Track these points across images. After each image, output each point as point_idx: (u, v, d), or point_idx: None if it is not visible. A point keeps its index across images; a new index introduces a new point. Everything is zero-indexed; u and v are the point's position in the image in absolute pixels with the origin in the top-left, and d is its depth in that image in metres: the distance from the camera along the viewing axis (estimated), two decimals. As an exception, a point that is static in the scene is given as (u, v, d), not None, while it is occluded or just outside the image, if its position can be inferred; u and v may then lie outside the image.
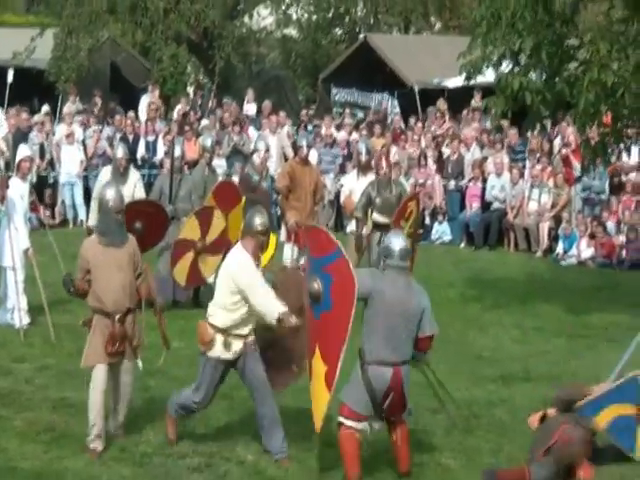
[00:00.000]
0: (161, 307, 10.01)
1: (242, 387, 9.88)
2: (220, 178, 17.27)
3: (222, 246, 13.19)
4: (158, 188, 15.48)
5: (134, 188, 14.80)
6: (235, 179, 19.14)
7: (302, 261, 15.47)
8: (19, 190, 13.65)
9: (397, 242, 8.86)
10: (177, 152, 15.65)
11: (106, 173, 15.16)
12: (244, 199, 14.34)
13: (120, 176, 14.68)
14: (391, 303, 8.60)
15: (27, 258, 13.42)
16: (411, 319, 8.71)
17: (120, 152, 15.26)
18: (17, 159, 13.97)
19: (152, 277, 10.04)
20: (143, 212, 12.98)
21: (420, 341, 8.81)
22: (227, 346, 9.24)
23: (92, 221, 14.68)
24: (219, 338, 9.21)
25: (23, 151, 14.36)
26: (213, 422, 10.13)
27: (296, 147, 17.51)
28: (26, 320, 13.25)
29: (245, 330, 9.28)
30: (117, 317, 9.39)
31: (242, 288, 9.05)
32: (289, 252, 15.29)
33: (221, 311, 9.24)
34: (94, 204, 14.65)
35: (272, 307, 9.00)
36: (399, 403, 8.76)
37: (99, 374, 9.39)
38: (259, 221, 9.35)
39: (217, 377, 9.42)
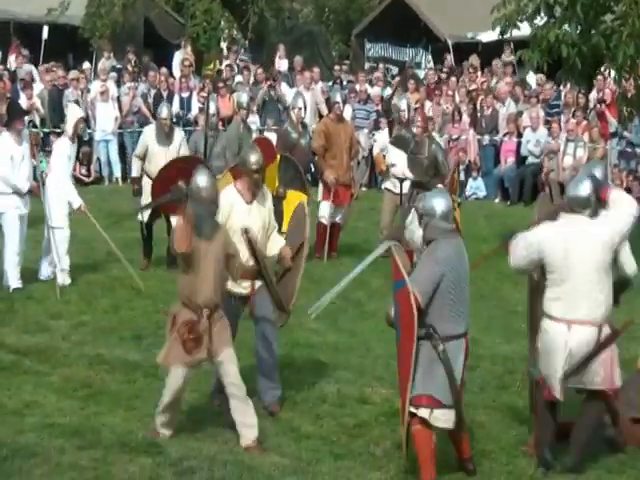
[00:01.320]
0: None
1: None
2: (255, 135, 17.12)
3: None
4: (192, 145, 15.47)
5: (179, 148, 14.61)
6: (268, 135, 19.10)
7: (338, 218, 15.51)
8: (67, 150, 13.57)
9: (441, 201, 8.05)
10: (211, 109, 15.55)
11: (150, 132, 14.93)
12: (279, 156, 14.14)
13: (165, 137, 14.52)
14: (458, 272, 7.89)
15: (81, 214, 13.39)
16: (467, 282, 8.06)
17: (164, 112, 14.97)
18: (70, 119, 13.75)
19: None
20: (187, 169, 12.85)
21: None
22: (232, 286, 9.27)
23: (135, 172, 14.76)
24: None
25: (76, 111, 14.23)
26: (247, 381, 10.11)
27: (330, 104, 17.34)
28: (67, 280, 13.26)
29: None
30: (204, 311, 8.56)
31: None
32: (326, 210, 15.24)
33: None
34: (135, 160, 14.72)
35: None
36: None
37: (175, 375, 8.63)
38: (254, 159, 9.33)
39: (234, 310, 9.37)
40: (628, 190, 20.03)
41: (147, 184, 14.05)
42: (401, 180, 15.25)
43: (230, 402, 8.63)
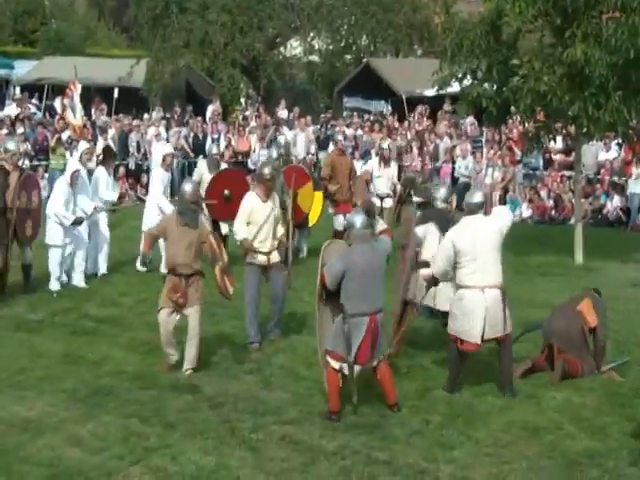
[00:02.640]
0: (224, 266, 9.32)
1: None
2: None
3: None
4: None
5: None
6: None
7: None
8: (159, 176, 13.27)
9: (358, 217, 8.07)
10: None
11: (202, 164, 14.34)
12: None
13: (215, 167, 13.96)
14: (362, 268, 7.80)
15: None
16: (380, 270, 7.98)
17: (214, 149, 14.77)
18: (162, 154, 13.51)
19: (217, 243, 9.37)
20: (231, 179, 12.70)
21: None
22: (252, 257, 9.84)
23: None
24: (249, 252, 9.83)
25: (167, 148, 14.00)
26: (261, 339, 10.13)
27: (335, 141, 17.03)
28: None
29: (264, 248, 9.85)
30: (183, 277, 8.89)
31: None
32: (340, 220, 14.60)
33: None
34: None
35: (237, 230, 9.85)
36: (375, 345, 7.93)
37: (163, 316, 8.96)
38: (267, 171, 9.92)
39: (255, 277, 9.89)
40: (530, 201, 20.11)
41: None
42: (381, 197, 15.08)
43: (186, 343, 8.95)
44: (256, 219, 9.83)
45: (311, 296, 11.55)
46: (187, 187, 9.19)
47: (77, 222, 12.11)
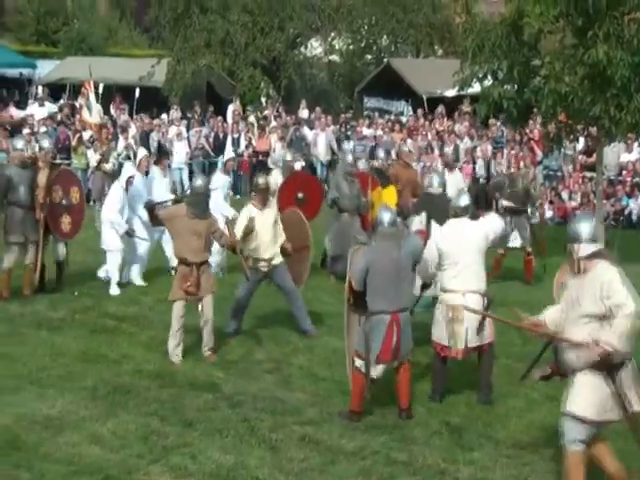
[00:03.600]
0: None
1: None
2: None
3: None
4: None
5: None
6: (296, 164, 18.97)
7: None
8: (220, 181, 12.92)
9: (386, 215, 8.02)
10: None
11: (276, 172, 13.74)
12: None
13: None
14: (384, 266, 7.72)
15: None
16: (405, 269, 7.89)
17: (289, 156, 14.24)
18: (225, 159, 13.32)
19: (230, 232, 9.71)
20: (304, 182, 12.47)
21: None
22: (255, 264, 9.98)
23: None
24: (249, 259, 9.94)
25: (229, 152, 13.90)
26: (280, 340, 10.15)
27: (400, 152, 16.03)
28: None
29: (265, 255, 10.01)
30: (194, 266, 9.28)
31: None
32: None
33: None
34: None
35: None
36: (398, 345, 7.81)
37: (176, 307, 9.38)
38: (261, 181, 10.24)
39: (253, 278, 9.97)
40: (551, 202, 19.99)
41: None
42: None
43: (203, 329, 9.37)
44: (256, 225, 9.91)
45: (330, 296, 11.66)
46: (198, 182, 9.70)
47: (129, 234, 12.05)
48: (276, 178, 13.44)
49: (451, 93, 23.58)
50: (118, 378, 8.70)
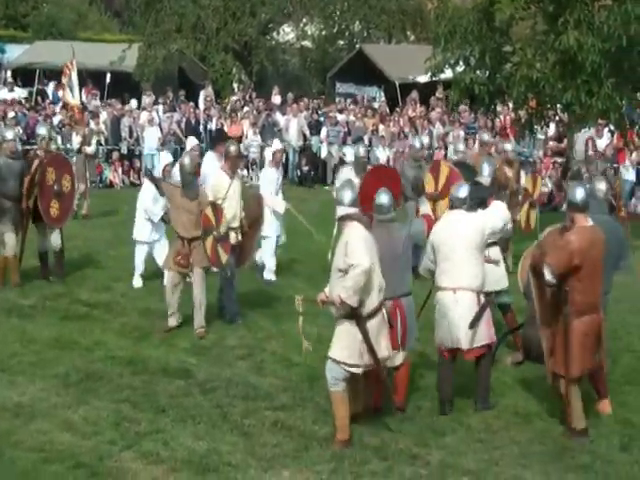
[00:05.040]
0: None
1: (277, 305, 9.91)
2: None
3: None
4: None
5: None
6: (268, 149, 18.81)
7: None
8: (270, 177, 12.08)
9: (384, 199, 7.64)
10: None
11: (347, 169, 12.21)
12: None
13: (363, 171, 11.81)
14: (383, 253, 7.17)
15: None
16: (404, 254, 7.58)
17: (362, 151, 12.45)
18: (272, 150, 12.41)
19: (214, 213, 9.74)
20: (386, 177, 10.74)
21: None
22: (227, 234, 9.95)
23: None
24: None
25: (277, 144, 12.93)
26: (253, 325, 10.13)
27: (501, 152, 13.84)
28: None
29: (234, 224, 10.11)
30: (185, 241, 9.68)
31: None
32: None
33: None
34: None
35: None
36: (404, 331, 7.54)
37: (167, 276, 9.86)
38: (232, 148, 10.39)
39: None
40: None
41: None
42: None
43: (194, 307, 9.71)
44: (224, 195, 10.00)
45: (304, 282, 11.66)
46: (186, 160, 9.88)
47: (165, 220, 11.42)
48: (346, 175, 12.31)
49: (424, 79, 23.61)
50: (90, 365, 8.65)
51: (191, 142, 12.69)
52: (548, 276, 7.09)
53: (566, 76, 14.08)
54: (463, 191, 7.89)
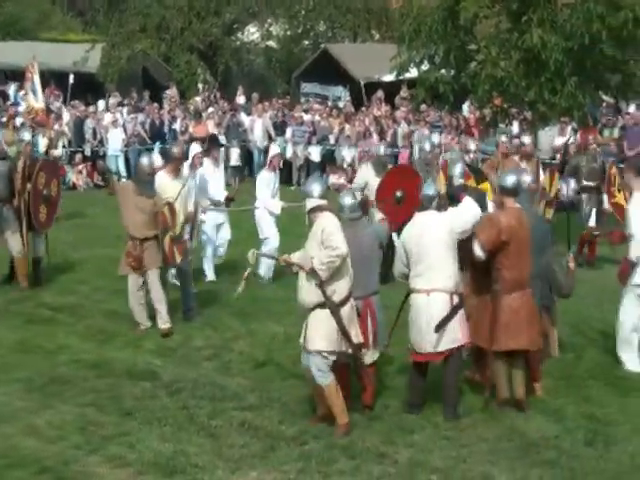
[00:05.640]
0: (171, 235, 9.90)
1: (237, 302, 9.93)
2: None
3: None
4: None
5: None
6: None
7: None
8: (267, 180, 12.04)
9: (347, 200, 7.68)
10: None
11: (367, 168, 12.42)
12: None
13: (382, 170, 11.97)
14: (350, 252, 7.15)
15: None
16: (371, 253, 7.64)
17: (382, 150, 12.76)
18: (270, 155, 12.39)
19: (170, 213, 9.82)
20: (404, 176, 10.88)
21: None
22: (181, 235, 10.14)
23: None
24: None
25: (274, 148, 12.98)
26: (220, 326, 10.10)
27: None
28: None
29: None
30: (137, 241, 9.65)
31: None
32: None
33: None
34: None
35: None
36: (375, 330, 7.61)
37: (131, 281, 9.77)
38: (175, 150, 10.46)
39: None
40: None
41: None
42: None
43: (154, 305, 9.75)
44: (167, 196, 9.95)
45: (270, 281, 11.66)
46: (144, 160, 9.97)
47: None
48: (366, 174, 12.38)
49: (389, 78, 23.64)
50: (54, 369, 8.57)
51: (194, 149, 12.23)
52: (478, 251, 7.52)
53: (530, 74, 14.18)
54: (432, 189, 7.80)
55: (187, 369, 8.64)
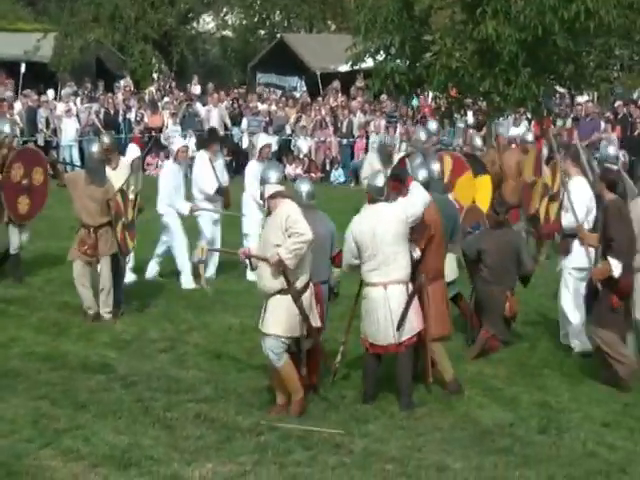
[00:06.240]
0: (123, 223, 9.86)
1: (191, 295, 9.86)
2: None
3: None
4: None
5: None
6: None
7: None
8: (256, 172, 11.04)
9: (304, 186, 7.79)
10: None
11: (372, 157, 12.32)
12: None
13: (388, 159, 12.04)
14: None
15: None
16: (324, 242, 7.67)
17: (388, 139, 12.72)
18: (260, 144, 11.98)
19: (123, 201, 9.80)
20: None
21: (335, 258, 8.00)
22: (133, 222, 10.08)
23: None
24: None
25: (264, 138, 12.61)
26: (175, 318, 10.05)
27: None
28: None
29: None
30: (91, 229, 9.63)
31: None
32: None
33: None
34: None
35: None
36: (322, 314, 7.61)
37: (75, 267, 9.72)
38: (106, 140, 10.52)
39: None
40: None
41: None
42: None
43: (101, 291, 9.72)
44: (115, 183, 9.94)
45: (225, 273, 11.62)
46: (94, 147, 9.95)
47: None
48: (372, 163, 12.15)
49: (345, 68, 23.69)
50: (7, 362, 8.44)
51: (178, 142, 12.09)
52: (414, 253, 7.63)
53: (484, 65, 14.31)
54: (380, 180, 7.65)
55: (142, 362, 8.57)
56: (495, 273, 8.96)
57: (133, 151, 11.79)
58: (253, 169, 11.54)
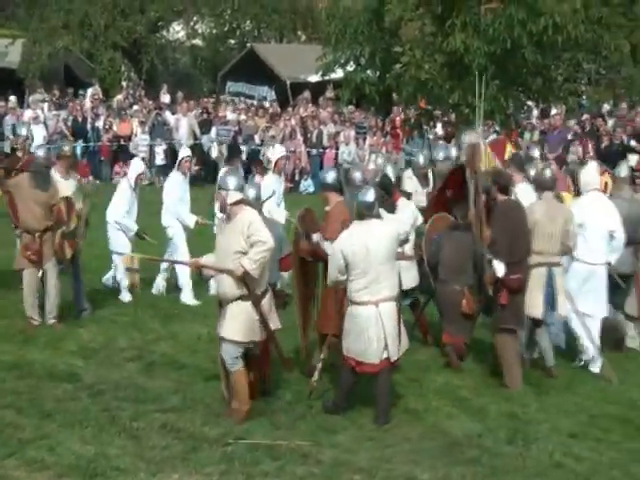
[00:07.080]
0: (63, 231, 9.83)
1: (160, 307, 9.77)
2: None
3: None
4: None
5: None
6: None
7: None
8: (271, 183, 11.06)
9: (252, 192, 7.88)
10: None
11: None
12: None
13: (424, 179, 11.62)
14: None
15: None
16: (277, 246, 7.61)
17: (421, 160, 11.77)
18: (275, 157, 11.75)
19: (66, 208, 9.78)
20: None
21: (282, 261, 8.17)
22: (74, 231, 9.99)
23: None
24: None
25: (279, 149, 12.48)
26: (143, 327, 9.98)
27: None
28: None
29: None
30: (36, 234, 9.58)
31: None
32: None
33: None
34: None
35: None
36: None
37: (26, 276, 9.69)
38: (66, 148, 10.57)
39: None
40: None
41: None
42: None
43: (47, 297, 9.70)
44: (63, 191, 9.86)
45: (194, 284, 11.53)
46: (40, 152, 10.07)
47: (140, 236, 10.85)
48: (411, 186, 11.57)
49: (315, 78, 23.74)
50: (-29, 371, 8.35)
51: (184, 152, 11.84)
52: (329, 250, 7.65)
53: (454, 77, 14.39)
54: (370, 195, 7.42)
55: (109, 371, 8.51)
56: (451, 271, 8.72)
57: (137, 166, 11.22)
58: (270, 182, 11.10)
